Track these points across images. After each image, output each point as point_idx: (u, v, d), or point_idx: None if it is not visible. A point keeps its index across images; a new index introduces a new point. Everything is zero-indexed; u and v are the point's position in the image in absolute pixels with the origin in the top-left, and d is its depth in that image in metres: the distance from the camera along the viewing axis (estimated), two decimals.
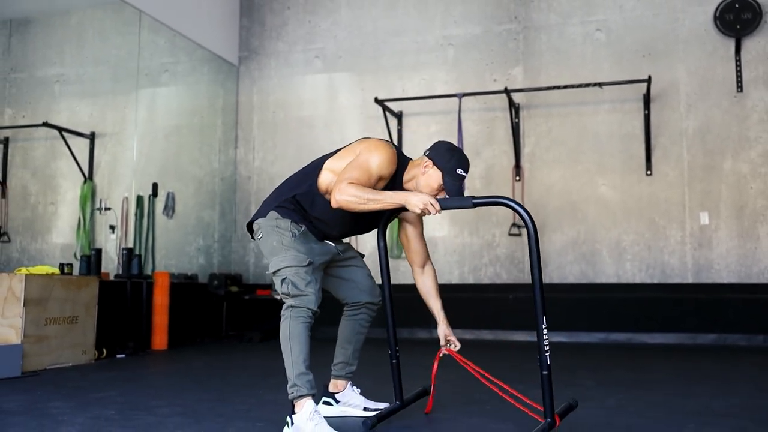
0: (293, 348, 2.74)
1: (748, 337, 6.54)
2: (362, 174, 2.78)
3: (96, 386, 4.07)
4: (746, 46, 6.82)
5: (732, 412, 3.27)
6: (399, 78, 7.78)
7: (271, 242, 2.87)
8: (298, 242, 2.84)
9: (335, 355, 3.25)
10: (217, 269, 7.90)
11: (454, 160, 2.88)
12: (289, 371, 2.73)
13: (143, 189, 7.12)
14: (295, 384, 2.71)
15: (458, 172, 2.87)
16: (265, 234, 2.91)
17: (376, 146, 2.86)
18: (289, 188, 2.99)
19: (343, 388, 3.22)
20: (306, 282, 2.77)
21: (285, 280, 2.78)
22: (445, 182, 2.86)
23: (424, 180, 2.91)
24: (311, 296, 2.77)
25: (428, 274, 3.20)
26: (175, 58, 7.99)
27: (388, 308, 3.13)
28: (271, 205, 2.96)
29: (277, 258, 2.83)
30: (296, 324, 2.76)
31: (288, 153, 8.10)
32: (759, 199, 6.69)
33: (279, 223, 2.88)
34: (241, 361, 5.51)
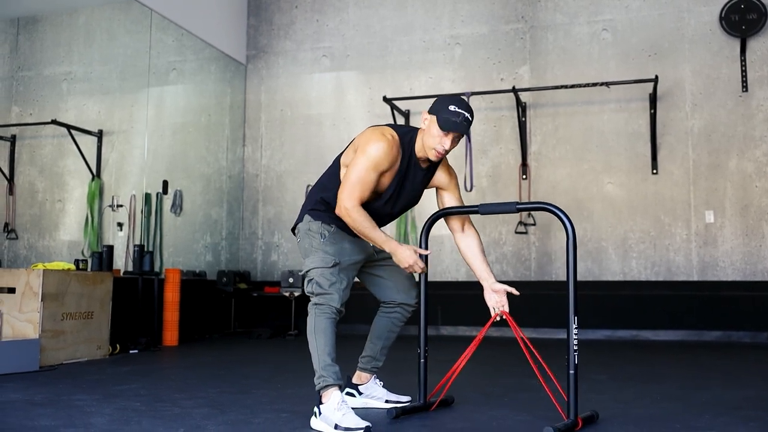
0: (318, 341, 2.84)
1: (752, 334, 6.61)
2: (361, 179, 2.86)
3: (115, 380, 4.13)
4: (751, 47, 6.89)
5: (745, 404, 3.33)
6: (407, 77, 7.84)
7: (305, 245, 3.01)
8: (327, 243, 2.95)
9: (364, 348, 3.31)
10: (224, 266, 7.95)
11: (447, 100, 2.91)
12: (316, 363, 2.82)
13: (151, 187, 7.16)
14: (321, 375, 2.79)
15: (452, 109, 2.86)
16: (301, 238, 3.04)
17: (369, 142, 2.86)
18: (319, 190, 3.08)
19: (367, 381, 3.28)
20: (330, 282, 2.89)
21: (311, 281, 2.92)
22: (440, 121, 2.86)
23: (425, 133, 2.93)
24: (334, 295, 2.88)
25: (470, 236, 3.17)
26: (182, 56, 8.04)
27: (423, 308, 3.19)
28: (306, 208, 3.08)
29: (308, 260, 2.97)
30: (321, 319, 2.87)
31: (296, 151, 8.16)
32: (764, 198, 6.76)
33: (311, 226, 3.00)
34: (254, 357, 5.56)
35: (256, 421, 2.90)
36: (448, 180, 3.14)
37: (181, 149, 7.97)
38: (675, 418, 2.98)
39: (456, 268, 7.38)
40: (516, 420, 2.97)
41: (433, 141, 2.90)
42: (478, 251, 3.17)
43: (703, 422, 2.90)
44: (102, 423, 2.85)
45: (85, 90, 7.96)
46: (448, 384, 3.15)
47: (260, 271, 8.14)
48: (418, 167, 3.02)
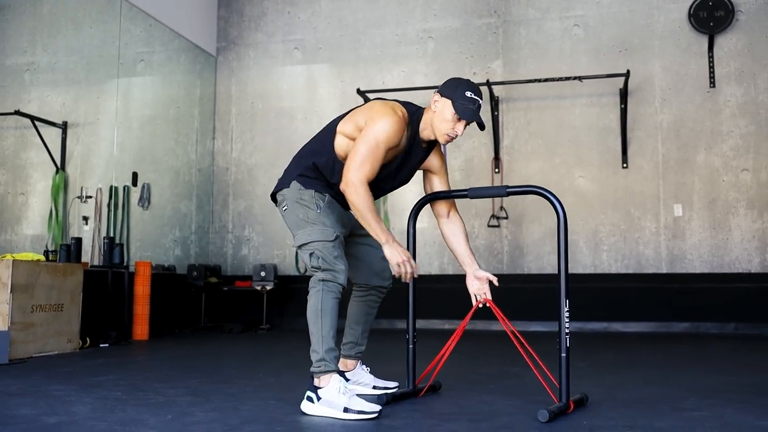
0: (324, 322, 2.73)
1: (719, 325, 6.74)
2: (372, 153, 2.76)
3: (90, 372, 4.03)
4: (719, 43, 7.02)
5: (726, 388, 3.38)
6: (379, 70, 7.82)
7: (297, 215, 2.86)
8: (324, 215, 2.83)
9: (344, 334, 3.24)
10: (194, 260, 7.83)
11: (463, 85, 2.85)
12: (318, 345, 2.73)
13: (118, 179, 7.02)
14: (323, 359, 2.71)
15: (468, 95, 2.81)
16: (290, 206, 2.88)
17: (381, 116, 2.78)
18: (308, 155, 2.95)
19: (353, 367, 3.24)
20: (335, 256, 2.78)
21: (313, 255, 2.78)
22: (456, 108, 2.80)
23: (436, 116, 2.85)
24: (341, 272, 2.78)
25: (455, 222, 3.13)
26: (151, 47, 7.89)
27: (411, 294, 3.16)
28: (293, 173, 2.92)
29: (303, 232, 2.83)
30: (328, 298, 2.75)
31: (267, 144, 8.08)
32: (730, 192, 6.89)
33: (302, 194, 2.86)
34: (228, 350, 5.49)
35: (243, 408, 2.85)
36: (440, 164, 3.12)
37: (149, 142, 7.82)
38: (661, 401, 3.01)
39: (429, 261, 7.38)
40: (506, 404, 2.96)
41: (445, 126, 2.84)
42: (462, 237, 3.16)
43: (689, 404, 2.93)
44: (85, 411, 2.78)
45: (49, 81, 7.76)
46: (436, 369, 3.14)
47: (230, 265, 8.04)
48: (419, 146, 2.97)
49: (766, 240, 6.78)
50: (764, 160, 6.85)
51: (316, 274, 2.80)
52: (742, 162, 6.90)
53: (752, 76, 6.93)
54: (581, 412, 2.77)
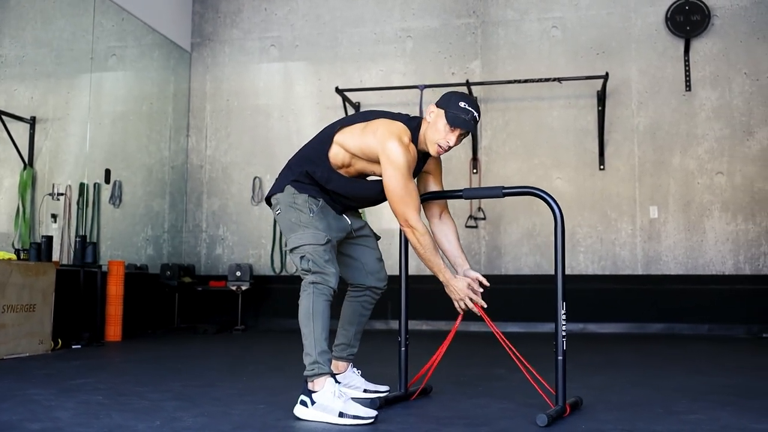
0: (316, 325, 2.71)
1: (693, 326, 6.81)
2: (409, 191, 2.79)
3: (66, 374, 3.90)
4: (695, 47, 7.09)
5: (712, 389, 3.39)
6: (357, 69, 7.76)
7: (289, 219, 2.86)
8: (316, 219, 2.83)
9: (337, 335, 3.20)
10: (167, 260, 7.69)
11: (457, 96, 2.85)
12: (311, 348, 2.69)
13: (88, 176, 6.86)
14: (316, 361, 2.66)
15: (461, 105, 2.81)
16: (284, 210, 2.89)
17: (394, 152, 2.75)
18: (302, 162, 2.94)
19: (344, 370, 3.18)
20: (325, 260, 2.78)
21: (304, 258, 2.78)
22: (448, 117, 2.79)
23: (430, 127, 2.86)
24: (331, 275, 2.78)
25: (447, 223, 3.12)
26: (123, 42, 7.73)
27: (403, 297, 3.12)
28: (288, 178, 2.93)
29: (295, 235, 2.83)
30: (319, 301, 2.74)
31: (242, 142, 7.96)
32: (705, 194, 6.97)
33: (296, 199, 2.86)
34: (206, 352, 5.38)
35: (234, 413, 2.77)
36: (435, 164, 3.10)
37: (120, 138, 7.65)
38: (654, 404, 3.01)
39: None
40: (499, 408, 2.93)
41: (437, 135, 2.83)
42: (454, 239, 3.14)
43: (682, 407, 2.93)
44: (68, 417, 2.68)
45: (16, 74, 7.54)
46: (428, 373, 3.09)
47: (204, 264, 7.91)
48: (419, 158, 2.96)
49: (739, 242, 6.87)
50: (738, 164, 6.94)
51: (306, 277, 2.78)
52: (716, 165, 6.98)
53: (727, 81, 7.02)
54: (578, 416, 2.75)
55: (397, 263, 7.51)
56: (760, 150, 6.92)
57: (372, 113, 2.97)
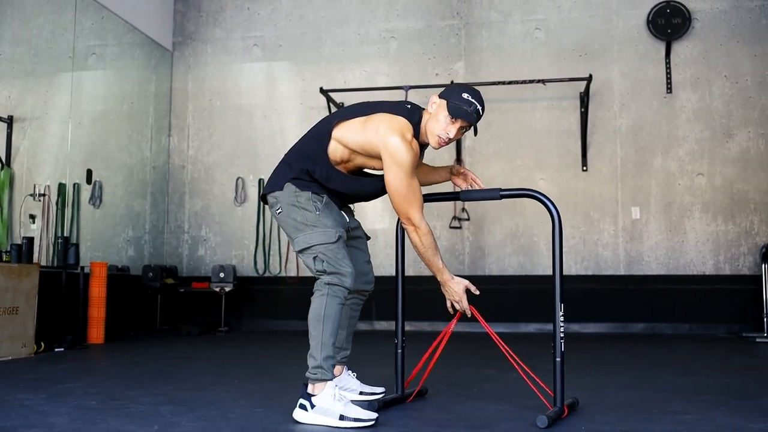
0: (326, 328, 2.65)
1: (674, 326, 6.89)
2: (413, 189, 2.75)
3: (55, 379, 3.85)
4: (675, 50, 7.17)
5: (702, 389, 3.43)
6: (340, 69, 7.74)
7: (294, 218, 2.77)
8: (323, 216, 2.75)
9: None
10: (148, 261, 7.61)
11: (461, 87, 2.80)
12: (317, 352, 2.64)
13: (67, 176, 6.77)
14: (320, 366, 2.62)
15: (464, 96, 2.75)
16: (286, 210, 2.79)
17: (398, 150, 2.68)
18: (300, 158, 2.84)
19: (339, 373, 3.14)
20: (339, 258, 2.70)
21: (317, 258, 2.70)
22: (450, 108, 2.74)
23: (431, 118, 2.79)
24: (347, 275, 2.70)
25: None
26: (103, 40, 7.63)
27: (399, 300, 3.12)
28: (287, 175, 2.82)
29: (304, 235, 2.74)
30: (332, 303, 2.67)
31: (225, 142, 7.90)
32: (686, 195, 7.06)
33: (299, 197, 2.76)
34: (192, 354, 5.33)
35: (231, 417, 2.75)
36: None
37: (101, 138, 7.55)
38: (648, 404, 3.03)
39: (390, 263, 7.34)
40: (496, 409, 2.94)
41: (438, 127, 2.77)
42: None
43: (676, 407, 2.96)
44: (64, 423, 2.64)
45: None
46: (424, 375, 3.09)
47: (186, 266, 7.84)
48: (420, 151, 2.89)
49: (719, 243, 6.96)
50: (718, 165, 7.03)
51: (321, 277, 2.71)
52: (697, 166, 7.07)
53: (707, 83, 7.11)
54: (576, 417, 2.76)
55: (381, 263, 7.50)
56: (740, 152, 7.02)
57: (370, 106, 2.86)
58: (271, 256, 7.64)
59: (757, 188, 6.95)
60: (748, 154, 7.00)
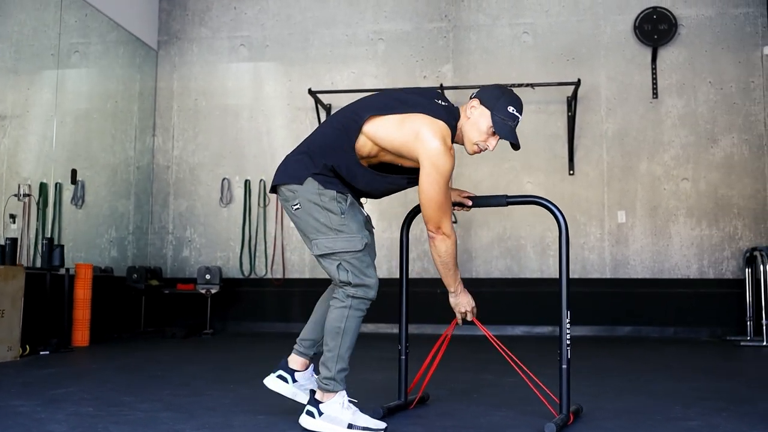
0: (344, 342, 2.56)
1: (660, 329, 6.96)
2: (447, 198, 2.65)
3: (46, 384, 3.78)
4: (661, 56, 7.24)
5: (699, 394, 3.46)
6: (328, 70, 7.70)
7: (316, 219, 2.58)
8: (348, 219, 2.58)
9: (306, 330, 2.85)
10: (132, 262, 7.52)
11: (504, 97, 2.65)
12: (331, 363, 2.56)
13: (49, 176, 6.66)
14: (333, 378, 2.55)
15: (510, 111, 2.63)
16: (305, 207, 2.59)
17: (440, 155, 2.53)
18: (325, 153, 2.61)
19: (303, 369, 2.82)
20: (365, 267, 2.59)
21: (341, 267, 2.56)
22: (494, 122, 2.62)
23: (470, 124, 2.67)
24: (373, 286, 2.60)
25: None
26: (87, 38, 7.52)
27: (404, 304, 3.09)
28: (309, 169, 2.59)
29: (326, 239, 2.57)
30: (354, 316, 2.57)
31: (211, 142, 7.83)
32: (671, 200, 7.12)
33: (322, 196, 2.57)
34: (181, 357, 5.27)
35: (235, 425, 2.71)
36: None
37: (84, 137, 7.45)
38: (650, 410, 3.05)
39: (377, 264, 7.30)
40: (501, 415, 2.94)
41: (478, 136, 2.67)
42: None
43: (678, 413, 2.98)
44: (63, 431, 2.58)
45: None
46: (425, 381, 3.08)
47: (170, 267, 7.75)
48: None
49: (703, 247, 7.04)
50: (703, 170, 7.10)
51: (345, 288, 2.58)
52: (682, 171, 7.14)
53: (692, 89, 7.18)
54: (582, 424, 2.77)
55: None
56: (724, 157, 7.10)
57: (404, 102, 2.66)
58: (256, 258, 7.58)
59: (740, 193, 7.04)
60: (732, 159, 7.09)
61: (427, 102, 2.67)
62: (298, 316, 7.33)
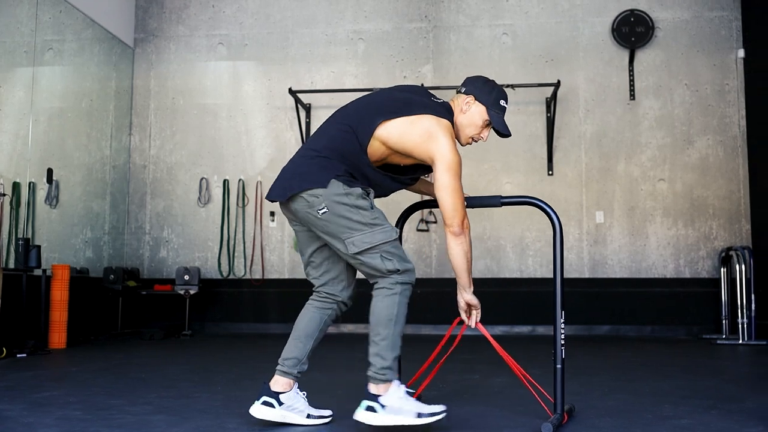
0: (396, 329, 2.57)
1: (637, 328, 7.04)
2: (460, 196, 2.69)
3: (28, 386, 3.70)
4: (639, 58, 7.33)
5: (685, 393, 3.50)
6: (308, 70, 7.67)
7: (347, 218, 2.56)
8: (377, 212, 2.62)
9: (288, 349, 2.75)
10: (107, 263, 7.41)
11: (495, 92, 2.77)
12: (387, 352, 2.54)
13: (22, 175, 6.54)
14: (390, 367, 2.54)
15: (501, 104, 2.77)
16: (333, 209, 2.57)
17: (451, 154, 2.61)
18: (338, 155, 2.62)
19: (289, 389, 2.72)
20: (402, 254, 2.64)
21: (384, 257, 2.57)
22: (491, 117, 2.75)
23: (466, 119, 2.76)
24: (413, 271, 2.65)
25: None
26: (61, 35, 7.40)
27: None
28: (329, 172, 2.59)
29: (363, 235, 2.56)
30: (404, 303, 2.60)
31: (188, 142, 7.75)
32: (648, 200, 7.21)
33: (349, 196, 2.57)
34: (163, 359, 5.20)
35: (229, 428, 2.68)
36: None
37: (58, 136, 7.32)
38: (641, 409, 3.07)
39: None
40: (496, 416, 2.94)
41: (473, 130, 2.78)
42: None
43: (668, 412, 3.01)
44: None
45: None
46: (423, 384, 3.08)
47: (147, 268, 7.66)
48: None
49: (679, 247, 7.14)
50: (679, 171, 7.21)
51: (392, 276, 2.58)
52: (659, 172, 7.23)
53: (669, 91, 7.28)
54: (576, 423, 2.78)
55: None
56: (699, 159, 7.21)
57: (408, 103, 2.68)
58: (235, 258, 7.52)
59: (715, 194, 7.15)
60: (707, 161, 7.20)
61: (428, 101, 2.73)
62: (277, 317, 7.30)
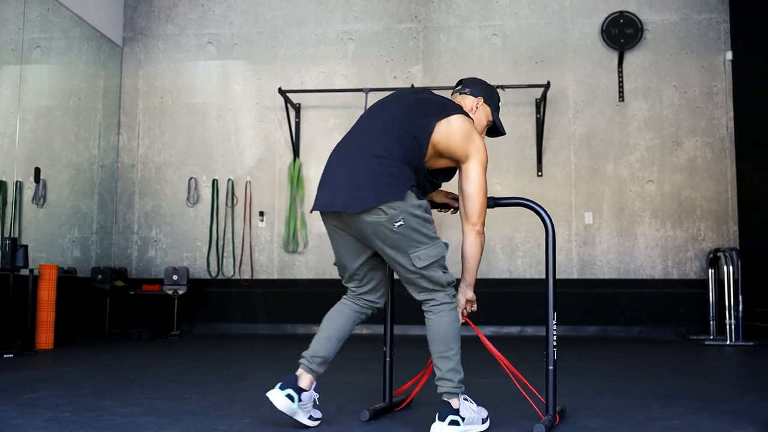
0: (456, 345, 2.59)
1: (625, 328, 7.07)
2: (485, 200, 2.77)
3: (16, 388, 3.67)
4: (628, 59, 7.36)
5: (674, 393, 3.52)
6: (297, 70, 7.66)
7: (418, 231, 2.51)
8: (433, 225, 2.62)
9: (318, 346, 2.69)
10: (95, 263, 7.36)
11: (495, 93, 2.93)
12: (460, 366, 2.59)
13: (9, 174, 6.49)
14: (462, 380, 2.61)
15: (499, 105, 2.96)
16: (408, 222, 2.47)
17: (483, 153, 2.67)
18: (407, 165, 2.54)
19: (310, 388, 2.67)
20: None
21: (443, 270, 2.61)
22: (495, 119, 2.91)
23: (476, 119, 2.82)
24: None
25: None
26: (48, 33, 7.34)
27: (389, 307, 3.06)
28: (405, 182, 2.50)
29: (428, 249, 2.54)
30: (458, 320, 2.65)
31: (177, 141, 7.72)
32: (636, 201, 7.25)
33: (420, 208, 2.52)
34: (152, 359, 5.18)
35: (221, 429, 2.67)
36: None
37: (45, 135, 7.27)
38: (631, 410, 3.08)
39: None
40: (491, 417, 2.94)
41: (479, 128, 2.85)
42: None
43: (658, 413, 3.02)
44: None
45: None
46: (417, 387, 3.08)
47: (135, 267, 7.62)
48: None
49: (668, 248, 7.17)
50: (667, 172, 7.24)
51: (449, 288, 2.61)
52: (647, 173, 7.26)
53: (657, 92, 7.32)
54: (567, 425, 2.79)
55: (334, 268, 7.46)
56: (687, 160, 7.25)
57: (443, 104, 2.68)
58: (224, 258, 7.49)
59: (703, 195, 7.19)
60: (695, 162, 7.24)
61: (449, 102, 2.75)
62: (265, 318, 7.28)
